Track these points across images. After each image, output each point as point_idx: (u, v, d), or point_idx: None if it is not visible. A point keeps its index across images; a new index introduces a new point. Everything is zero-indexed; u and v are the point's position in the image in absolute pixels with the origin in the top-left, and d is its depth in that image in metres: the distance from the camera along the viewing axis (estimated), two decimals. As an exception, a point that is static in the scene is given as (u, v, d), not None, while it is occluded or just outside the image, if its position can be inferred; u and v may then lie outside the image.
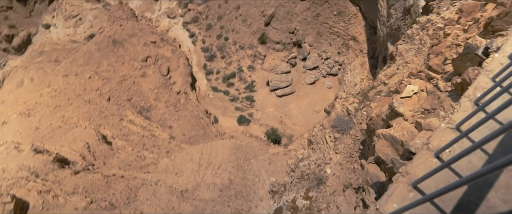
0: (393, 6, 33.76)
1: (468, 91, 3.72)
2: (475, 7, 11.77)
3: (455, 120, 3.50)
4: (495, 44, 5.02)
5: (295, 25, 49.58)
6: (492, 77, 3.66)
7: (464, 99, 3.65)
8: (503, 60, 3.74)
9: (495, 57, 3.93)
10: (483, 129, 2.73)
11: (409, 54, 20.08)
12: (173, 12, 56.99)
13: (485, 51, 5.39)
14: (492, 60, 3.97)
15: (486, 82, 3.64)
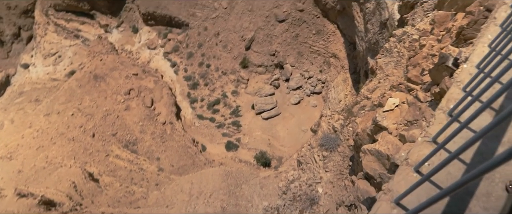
0: (370, 21, 34.45)
1: (441, 103, 3.77)
2: (446, 17, 11.99)
3: (431, 133, 3.52)
4: (464, 54, 5.14)
5: (276, 47, 50.11)
6: (462, 87, 3.73)
7: (438, 112, 3.70)
8: (472, 70, 3.83)
9: (464, 68, 4.02)
10: (459, 139, 2.75)
11: (388, 67, 20.30)
12: (153, 43, 57.14)
13: (455, 62, 5.48)
14: (461, 71, 4.07)
15: (458, 93, 3.71)
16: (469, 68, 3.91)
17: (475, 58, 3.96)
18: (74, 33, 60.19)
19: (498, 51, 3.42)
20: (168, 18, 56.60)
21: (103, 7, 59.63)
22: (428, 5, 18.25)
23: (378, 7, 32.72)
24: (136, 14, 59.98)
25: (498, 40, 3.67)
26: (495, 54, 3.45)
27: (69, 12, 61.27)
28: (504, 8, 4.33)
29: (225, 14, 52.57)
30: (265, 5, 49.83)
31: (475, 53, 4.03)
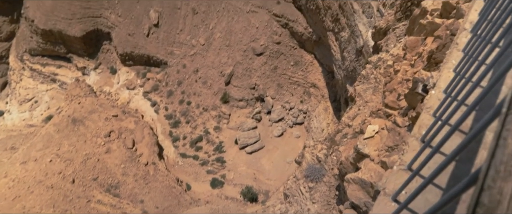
0: (346, 49, 35.14)
1: (413, 130, 3.83)
2: (417, 42, 12.21)
3: (406, 161, 3.53)
4: (432, 80, 5.28)
5: (255, 81, 50.42)
6: (432, 113, 3.80)
7: (411, 139, 3.74)
8: (440, 96, 3.93)
9: (432, 94, 4.13)
10: (433, 165, 2.75)
11: (367, 93, 20.44)
12: (132, 84, 56.86)
13: (424, 88, 5.60)
14: (430, 97, 4.17)
15: (428, 119, 3.78)
16: (437, 94, 4.02)
17: (442, 84, 4.09)
18: (51, 78, 59.53)
19: (462, 75, 3.55)
20: (146, 58, 56.70)
21: (80, 49, 59.47)
22: (399, 31, 18.67)
23: (353, 35, 33.50)
24: (113, 55, 59.93)
25: (461, 65, 3.82)
26: (460, 78, 3.57)
27: (45, 56, 60.86)
28: (464, 33, 4.48)
29: (203, 50, 53.00)
30: (242, 39, 50.50)
31: (441, 79, 4.17)
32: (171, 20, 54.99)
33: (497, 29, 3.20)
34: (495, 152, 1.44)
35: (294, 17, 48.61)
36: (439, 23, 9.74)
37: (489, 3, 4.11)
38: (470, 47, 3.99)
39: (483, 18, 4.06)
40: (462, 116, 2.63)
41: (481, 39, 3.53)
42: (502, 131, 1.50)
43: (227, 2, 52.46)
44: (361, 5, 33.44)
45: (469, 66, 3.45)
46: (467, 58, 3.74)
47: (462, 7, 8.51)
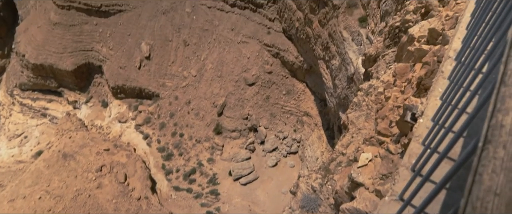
0: (337, 77, 35.32)
1: (404, 159, 3.83)
2: (406, 69, 12.22)
3: (397, 191, 3.52)
4: (420, 108, 5.30)
5: (248, 111, 50.34)
6: (421, 141, 3.81)
7: (402, 168, 3.73)
8: (428, 124, 3.95)
9: (420, 122, 4.17)
10: (424, 194, 2.74)
11: (359, 121, 20.33)
12: (124, 117, 56.46)
13: (413, 117, 5.58)
14: (419, 125, 4.21)
15: (418, 148, 3.78)
16: (426, 122, 4.06)
17: (430, 112, 4.14)
18: (41, 112, 59.05)
19: (449, 103, 3.60)
20: (138, 90, 56.62)
21: (71, 83, 59.34)
22: (389, 57, 18.79)
23: (344, 63, 33.75)
24: (105, 88, 59.81)
25: (447, 92, 3.88)
26: (447, 106, 3.61)
27: (36, 91, 60.61)
28: (449, 61, 4.55)
29: (195, 82, 53.10)
30: (233, 70, 50.76)
31: (429, 107, 4.23)
32: (163, 52, 55.35)
33: (480, 55, 3.23)
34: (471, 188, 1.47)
35: (285, 46, 49.15)
36: (426, 50, 9.77)
37: (471, 31, 4.20)
38: (455, 75, 4.05)
39: (466, 46, 4.11)
40: (449, 144, 2.64)
41: (465, 66, 3.58)
42: (478, 167, 1.52)
43: (218, 34, 53.09)
44: (351, 33, 33.90)
45: (455, 94, 3.48)
46: (453, 85, 3.78)
47: (447, 34, 8.56)
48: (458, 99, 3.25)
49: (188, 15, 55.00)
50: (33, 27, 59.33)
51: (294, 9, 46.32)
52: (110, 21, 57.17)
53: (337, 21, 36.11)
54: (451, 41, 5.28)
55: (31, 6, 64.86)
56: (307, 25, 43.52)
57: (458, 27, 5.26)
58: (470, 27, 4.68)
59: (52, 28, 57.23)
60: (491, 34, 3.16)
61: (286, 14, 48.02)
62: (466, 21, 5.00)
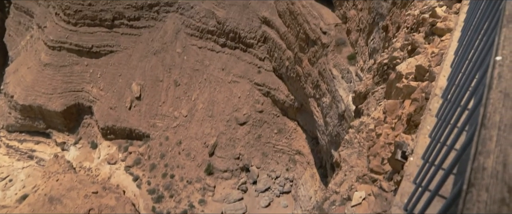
0: (328, 115, 35.32)
1: (396, 199, 3.83)
2: (395, 106, 12.15)
3: None
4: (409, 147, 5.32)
5: (239, 150, 49.81)
6: (412, 180, 3.80)
7: (394, 208, 3.73)
8: (418, 162, 3.96)
9: (411, 161, 4.19)
10: None
11: (352, 158, 20.04)
12: (113, 158, 55.45)
13: (403, 155, 5.56)
14: (409, 164, 4.24)
15: (409, 187, 3.78)
16: (416, 160, 4.06)
17: (419, 150, 4.15)
18: (28, 154, 57.87)
19: (437, 140, 3.54)
20: (128, 131, 56.01)
21: (60, 124, 58.60)
22: (379, 94, 18.80)
23: (334, 100, 33.86)
24: (94, 129, 59.11)
25: (436, 130, 3.92)
26: (435, 144, 3.56)
27: (23, 132, 59.71)
28: (435, 99, 4.65)
29: (186, 122, 52.78)
30: (225, 109, 50.69)
31: (418, 145, 4.25)
32: (154, 92, 55.32)
33: (465, 92, 3.27)
34: None
35: (276, 85, 49.45)
36: (414, 86, 9.75)
37: (455, 69, 4.30)
38: (442, 112, 4.09)
39: (451, 83, 4.17)
40: (439, 182, 2.65)
41: (451, 104, 3.62)
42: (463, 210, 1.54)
43: (209, 73, 53.44)
44: (340, 71, 34.25)
45: (443, 131, 3.49)
46: (440, 123, 3.80)
47: (434, 70, 8.60)
48: (446, 136, 3.26)
49: (179, 55, 55.53)
50: (23, 68, 59.29)
51: (283, 48, 47.01)
52: (101, 61, 57.43)
53: (327, 59, 36.57)
54: (436, 79, 5.36)
55: (22, 47, 65.21)
56: (297, 63, 44.01)
57: (443, 65, 5.33)
58: (454, 65, 4.78)
59: (42, 69, 57.22)
60: (474, 71, 3.20)
61: (276, 53, 48.67)
62: (450, 59, 5.14)
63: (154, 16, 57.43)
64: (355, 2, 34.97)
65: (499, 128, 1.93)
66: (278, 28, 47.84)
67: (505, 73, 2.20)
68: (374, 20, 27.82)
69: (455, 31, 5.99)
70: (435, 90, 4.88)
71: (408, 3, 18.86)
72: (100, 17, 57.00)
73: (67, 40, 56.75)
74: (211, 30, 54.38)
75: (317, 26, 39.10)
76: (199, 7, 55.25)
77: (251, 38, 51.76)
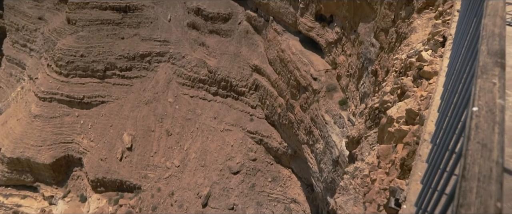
0: (322, 161, 34.84)
1: None
2: (388, 150, 11.90)
3: None
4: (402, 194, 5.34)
5: (234, 200, 48.51)
6: None
7: None
8: (412, 209, 3.97)
9: (404, 208, 4.18)
10: None
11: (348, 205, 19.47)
12: (103, 211, 53.61)
13: (397, 203, 5.57)
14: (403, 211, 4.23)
15: None
16: (409, 207, 4.05)
17: (412, 197, 4.11)
18: (13, 210, 55.83)
19: (429, 186, 3.50)
20: (119, 183, 54.63)
21: (48, 177, 57.13)
22: (371, 139, 18.57)
23: (328, 146, 33.54)
24: (84, 182, 57.59)
25: (427, 176, 3.90)
26: (427, 190, 3.52)
27: (9, 186, 57.96)
28: (425, 144, 4.65)
29: (178, 172, 51.77)
30: (217, 159, 49.97)
31: (411, 192, 4.23)
32: (145, 142, 54.64)
33: (452, 137, 3.26)
34: None
35: (268, 132, 49.18)
36: (406, 130, 9.63)
37: (442, 114, 4.30)
38: (432, 158, 4.05)
39: (439, 128, 4.18)
40: None
41: (440, 149, 3.60)
42: None
43: (201, 122, 53.19)
44: (332, 116, 34.24)
45: (434, 176, 3.47)
46: (431, 169, 3.77)
47: (423, 114, 8.54)
48: (437, 182, 3.26)
49: (170, 105, 55.48)
50: (12, 120, 58.69)
51: (275, 96, 47.23)
52: (92, 112, 57.12)
53: (318, 105, 36.66)
54: (425, 124, 5.40)
55: (12, 99, 65.00)
56: (289, 110, 44.04)
57: (430, 110, 5.40)
58: (440, 110, 4.81)
59: (32, 121, 56.67)
60: (459, 115, 3.21)
61: (268, 100, 48.82)
62: (437, 104, 5.15)
63: (146, 66, 58.02)
64: (343, 48, 35.64)
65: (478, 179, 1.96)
66: (269, 75, 48.33)
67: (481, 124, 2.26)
68: (363, 65, 28.15)
69: (440, 76, 6.06)
70: (424, 136, 4.87)
71: (395, 47, 19.12)
72: (92, 68, 57.45)
73: (58, 91, 56.73)
74: (203, 79, 54.83)
75: (307, 73, 39.52)
76: (191, 57, 56.04)
77: (242, 86, 52.12)
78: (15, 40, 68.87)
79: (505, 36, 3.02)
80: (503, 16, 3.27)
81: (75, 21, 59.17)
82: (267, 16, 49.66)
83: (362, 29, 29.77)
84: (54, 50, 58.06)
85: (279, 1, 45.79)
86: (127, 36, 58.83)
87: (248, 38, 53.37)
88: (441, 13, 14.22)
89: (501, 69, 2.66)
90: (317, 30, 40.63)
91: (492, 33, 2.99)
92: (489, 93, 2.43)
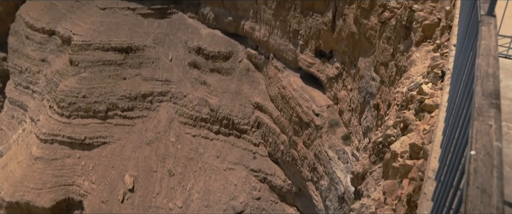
0: (328, 198, 34.18)
1: None
2: (394, 186, 11.53)
3: None
4: None
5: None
6: None
7: None
8: None
9: None
10: None
11: (356, 246, 18.82)
12: (104, 256, 52.08)
13: None
14: None
15: None
16: None
17: None
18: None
19: None
20: (120, 226, 53.37)
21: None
22: (377, 174, 18.12)
23: (332, 182, 32.97)
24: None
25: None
26: None
27: (9, 233, 56.69)
28: (429, 182, 4.58)
29: (181, 213, 50.64)
30: (221, 198, 49.03)
31: None
32: (147, 183, 53.84)
33: (455, 172, 3.23)
34: None
35: (272, 170, 48.50)
36: (411, 165, 9.35)
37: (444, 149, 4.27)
38: (437, 196, 4.01)
39: (442, 164, 4.16)
40: None
41: (445, 186, 3.57)
42: None
43: (204, 162, 52.62)
44: (336, 152, 33.91)
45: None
46: (437, 208, 3.73)
47: (427, 148, 8.31)
48: None
49: (172, 145, 55.11)
50: (13, 163, 58.21)
51: (278, 133, 46.94)
52: (93, 153, 56.69)
53: (322, 141, 36.37)
54: (428, 160, 5.33)
55: (13, 141, 64.76)
56: (292, 147, 43.67)
57: (433, 146, 5.31)
58: (443, 146, 4.75)
59: (32, 163, 56.18)
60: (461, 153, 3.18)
61: (271, 138, 48.50)
62: (439, 140, 5.12)
63: (147, 106, 58.16)
64: (344, 83, 35.68)
65: None
66: (271, 112, 48.25)
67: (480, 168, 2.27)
68: (364, 99, 28.04)
69: (440, 111, 6.03)
70: (428, 173, 4.83)
71: (395, 81, 18.99)
72: (94, 109, 57.57)
73: (60, 133, 56.58)
74: (205, 118, 54.76)
75: (309, 109, 39.43)
76: (192, 96, 56.25)
77: (244, 124, 51.95)
78: (18, 82, 69.49)
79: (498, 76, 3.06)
80: (495, 56, 3.31)
81: (77, 62, 59.96)
82: (267, 53, 50.22)
83: (362, 63, 29.88)
84: (56, 92, 58.47)
85: (278, 38, 46.41)
86: (129, 76, 59.39)
87: (249, 76, 53.74)
88: (439, 45, 14.17)
89: (496, 111, 2.70)
90: (317, 66, 40.90)
91: (486, 73, 3.04)
92: (486, 136, 2.44)
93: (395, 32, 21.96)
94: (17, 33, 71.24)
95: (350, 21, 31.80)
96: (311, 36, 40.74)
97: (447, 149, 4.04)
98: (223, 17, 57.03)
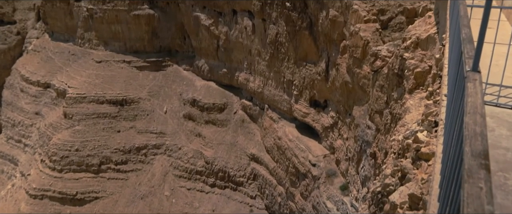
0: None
1: None
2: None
3: None
4: None
5: None
6: None
7: None
8: None
9: None
10: None
11: None
12: None
13: None
14: None
15: None
16: None
17: None
18: None
19: None
20: None
21: None
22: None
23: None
24: None
25: None
26: None
27: None
28: None
29: None
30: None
31: None
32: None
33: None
34: None
35: (269, 224, 46.73)
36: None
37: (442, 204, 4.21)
38: None
39: None
40: None
41: None
42: None
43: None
44: (335, 203, 33.10)
45: None
46: None
47: (426, 199, 7.85)
48: None
49: (167, 199, 53.50)
50: (0, 222, 56.05)
51: (274, 184, 45.87)
52: (84, 209, 54.72)
53: (319, 192, 35.51)
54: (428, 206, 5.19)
55: (1, 198, 62.57)
56: (289, 199, 42.53)
57: (431, 199, 5.22)
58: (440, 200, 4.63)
59: (20, 222, 54.09)
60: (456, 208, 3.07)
61: (267, 190, 47.32)
62: (436, 193, 5.05)
63: (141, 159, 57.10)
64: (340, 132, 35.34)
65: None
66: (267, 164, 47.43)
67: None
68: (361, 148, 27.59)
69: (436, 162, 5.87)
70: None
71: (391, 128, 18.64)
72: (87, 162, 56.35)
73: (51, 188, 54.89)
74: (200, 171, 53.64)
75: (305, 159, 38.82)
76: (187, 148, 55.45)
77: (240, 176, 50.87)
78: (10, 136, 68.39)
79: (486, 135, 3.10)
80: (482, 113, 3.39)
81: (71, 115, 59.55)
82: (262, 104, 50.21)
83: (357, 112, 29.73)
84: (49, 145, 57.49)
85: (273, 89, 46.61)
86: (123, 129, 58.83)
87: (244, 127, 53.38)
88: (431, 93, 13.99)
89: (486, 172, 2.72)
90: (312, 116, 40.74)
91: (474, 132, 3.08)
92: (477, 199, 2.44)
93: (388, 80, 21.93)
94: (12, 86, 71.32)
95: (343, 70, 32.04)
96: (305, 86, 40.95)
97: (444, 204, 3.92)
98: (217, 69, 57.62)
